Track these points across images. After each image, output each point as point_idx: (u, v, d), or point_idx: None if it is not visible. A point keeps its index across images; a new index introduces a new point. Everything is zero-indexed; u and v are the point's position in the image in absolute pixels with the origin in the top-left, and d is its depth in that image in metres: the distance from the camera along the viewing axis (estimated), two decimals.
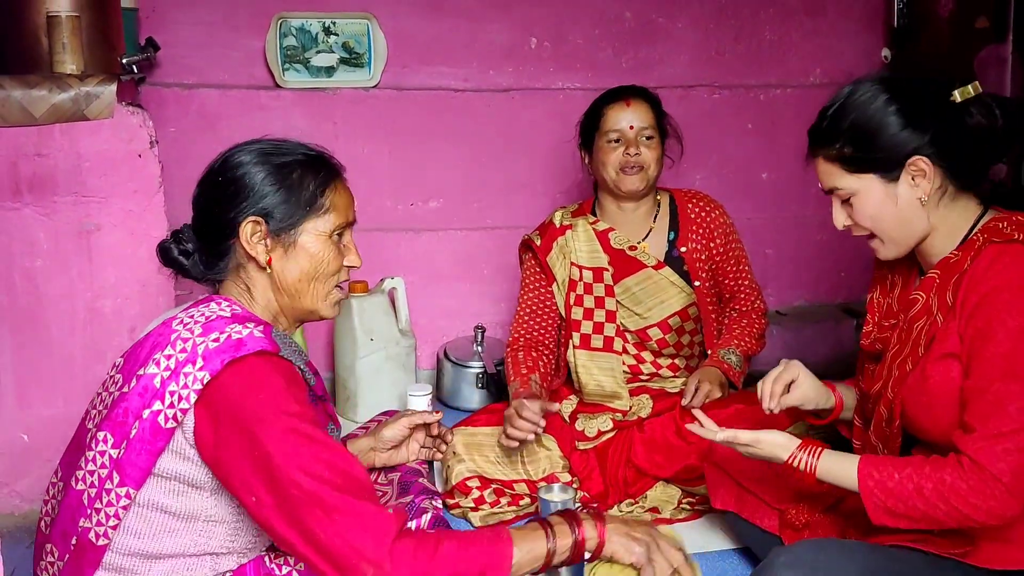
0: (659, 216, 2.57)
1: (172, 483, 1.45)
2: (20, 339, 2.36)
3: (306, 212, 1.56)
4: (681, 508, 2.36)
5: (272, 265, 1.55)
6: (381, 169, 3.27)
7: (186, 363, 1.41)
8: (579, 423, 2.49)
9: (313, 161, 1.60)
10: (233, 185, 1.54)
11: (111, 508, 1.43)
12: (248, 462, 1.37)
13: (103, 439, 1.44)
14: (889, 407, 1.71)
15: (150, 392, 1.42)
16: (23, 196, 2.30)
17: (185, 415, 1.41)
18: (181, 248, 1.60)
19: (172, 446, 1.43)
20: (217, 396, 1.39)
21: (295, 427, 1.38)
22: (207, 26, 3.07)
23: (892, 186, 1.64)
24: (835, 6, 3.50)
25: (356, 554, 1.34)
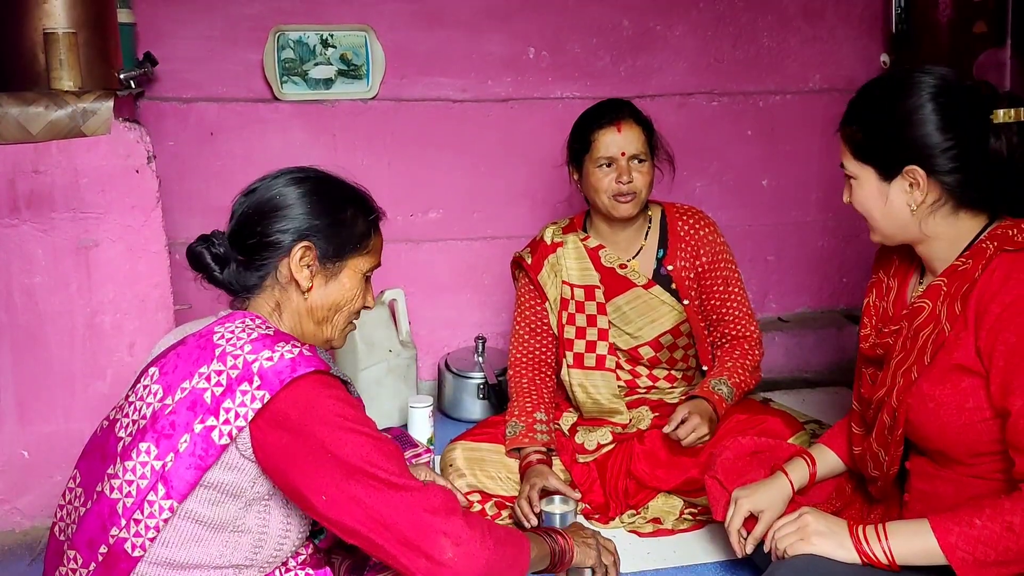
0: (650, 232, 2.53)
1: (212, 492, 1.47)
2: (19, 356, 2.36)
3: (354, 248, 1.64)
4: (683, 519, 2.35)
5: (311, 292, 1.60)
6: (380, 180, 3.26)
7: (241, 380, 1.44)
8: (579, 436, 2.48)
9: (365, 202, 1.69)
10: (288, 207, 1.59)
11: (152, 520, 1.45)
12: (319, 467, 1.42)
13: (145, 450, 1.46)
14: (893, 415, 1.70)
15: (201, 406, 1.45)
16: (21, 213, 2.30)
17: (241, 432, 1.44)
18: (214, 253, 1.61)
19: (223, 459, 1.46)
20: (279, 414, 1.44)
21: (357, 429, 1.45)
22: (205, 40, 3.08)
23: (885, 185, 1.65)
24: (833, 12, 3.50)
25: (434, 530, 1.43)
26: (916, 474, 1.73)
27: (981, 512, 1.48)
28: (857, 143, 1.68)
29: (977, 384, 1.56)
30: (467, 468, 2.36)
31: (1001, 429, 1.55)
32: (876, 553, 1.55)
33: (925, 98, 1.59)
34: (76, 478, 1.58)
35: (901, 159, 1.62)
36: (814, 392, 3.27)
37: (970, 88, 1.62)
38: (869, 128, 1.66)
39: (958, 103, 1.59)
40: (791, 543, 1.62)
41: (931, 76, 1.62)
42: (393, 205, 3.28)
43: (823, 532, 1.60)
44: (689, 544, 2.29)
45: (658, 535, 2.32)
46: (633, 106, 2.46)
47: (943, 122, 1.59)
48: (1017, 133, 1.58)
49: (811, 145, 3.53)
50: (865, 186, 1.68)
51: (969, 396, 1.57)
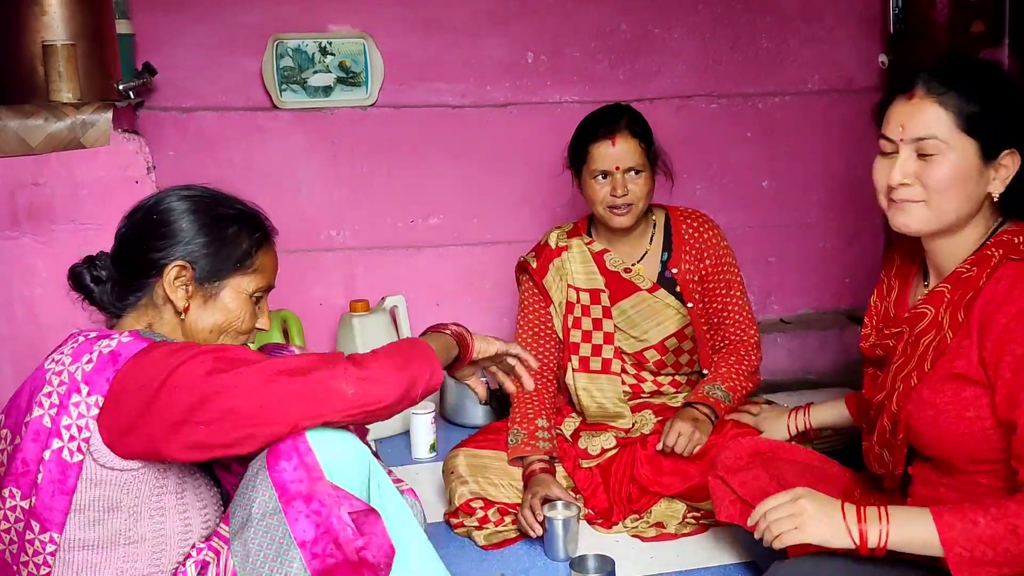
0: (654, 236, 2.53)
1: (89, 513, 1.44)
2: (21, 368, 2.36)
3: (234, 268, 1.59)
4: (686, 522, 2.35)
5: (188, 312, 1.57)
6: (380, 187, 3.27)
7: (70, 393, 1.42)
8: (582, 441, 2.48)
9: (251, 220, 1.63)
10: (166, 226, 1.56)
11: (38, 557, 1.42)
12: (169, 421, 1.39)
13: (9, 495, 1.43)
14: (893, 420, 1.69)
15: (42, 433, 1.42)
16: (21, 225, 2.31)
17: (89, 443, 1.41)
18: (94, 275, 1.59)
19: (84, 476, 1.42)
20: (116, 407, 1.41)
21: (178, 355, 1.42)
22: (204, 49, 3.09)
23: (982, 164, 1.57)
24: (832, 13, 3.50)
25: (324, 385, 1.44)
26: (918, 480, 1.72)
27: (986, 511, 1.45)
28: (969, 113, 1.54)
29: (979, 393, 1.54)
30: (469, 475, 2.36)
31: (1002, 438, 1.53)
32: (870, 534, 1.49)
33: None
34: None
35: (1008, 140, 1.57)
36: (817, 393, 3.26)
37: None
38: (993, 100, 1.56)
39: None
40: (785, 530, 1.54)
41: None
42: (393, 211, 3.31)
43: (819, 519, 1.53)
44: (692, 548, 2.28)
45: (661, 539, 2.31)
46: (632, 114, 2.43)
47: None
48: None
49: (811, 146, 3.53)
50: (958, 159, 1.55)
51: (970, 405, 1.55)
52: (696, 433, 2.30)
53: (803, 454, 2.05)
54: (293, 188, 3.21)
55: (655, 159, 2.45)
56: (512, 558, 2.26)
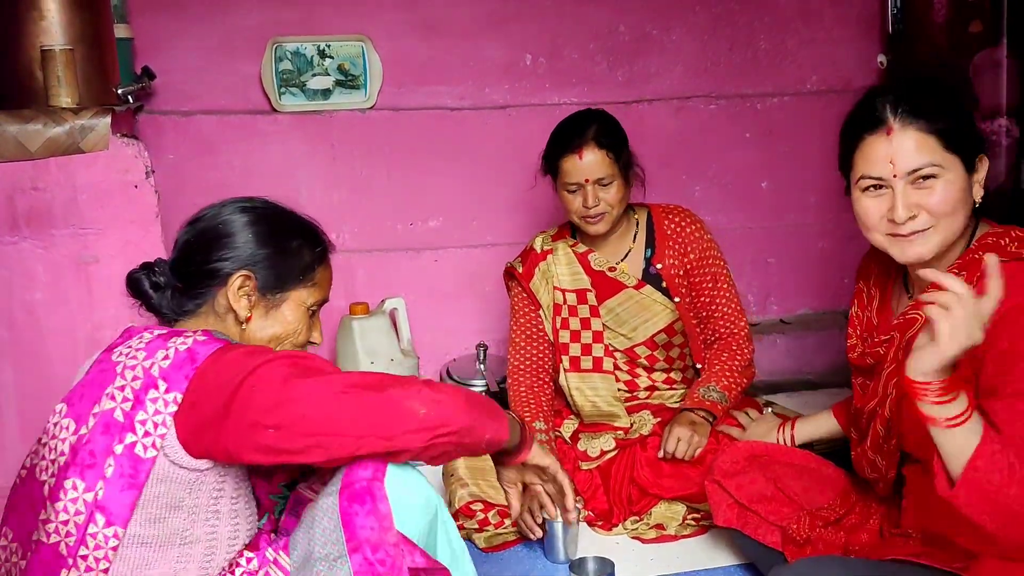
0: (637, 235, 2.55)
1: (153, 510, 1.43)
2: (22, 373, 2.37)
3: (296, 281, 1.62)
4: (686, 524, 2.35)
5: (249, 322, 1.59)
6: (380, 189, 3.28)
7: (146, 389, 1.41)
8: (581, 443, 2.49)
9: (313, 234, 1.68)
10: (231, 236, 1.58)
11: (100, 551, 1.41)
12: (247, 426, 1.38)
13: (72, 486, 1.42)
14: (887, 425, 1.69)
15: (115, 427, 1.42)
16: (21, 230, 2.31)
17: (164, 439, 1.41)
18: (153, 281, 1.61)
19: (155, 473, 1.42)
20: (193, 406, 1.41)
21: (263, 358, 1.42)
22: (203, 52, 3.09)
23: (966, 177, 1.58)
24: (830, 13, 3.50)
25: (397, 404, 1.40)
26: (912, 481, 1.72)
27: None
28: (946, 131, 1.55)
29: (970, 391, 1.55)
30: (469, 478, 2.37)
31: None
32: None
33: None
34: (8, 535, 1.52)
35: (978, 147, 1.59)
36: (816, 394, 3.27)
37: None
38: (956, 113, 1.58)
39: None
40: (960, 334, 1.33)
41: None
42: (393, 214, 3.31)
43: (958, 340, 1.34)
44: (692, 550, 2.28)
45: (661, 541, 2.32)
46: (601, 123, 2.42)
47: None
48: None
49: (810, 147, 3.53)
50: (953, 178, 1.56)
51: None
52: (695, 437, 2.31)
53: (800, 457, 2.06)
54: (292, 191, 3.21)
55: (628, 165, 2.44)
56: (512, 561, 2.26)
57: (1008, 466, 1.37)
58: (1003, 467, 1.36)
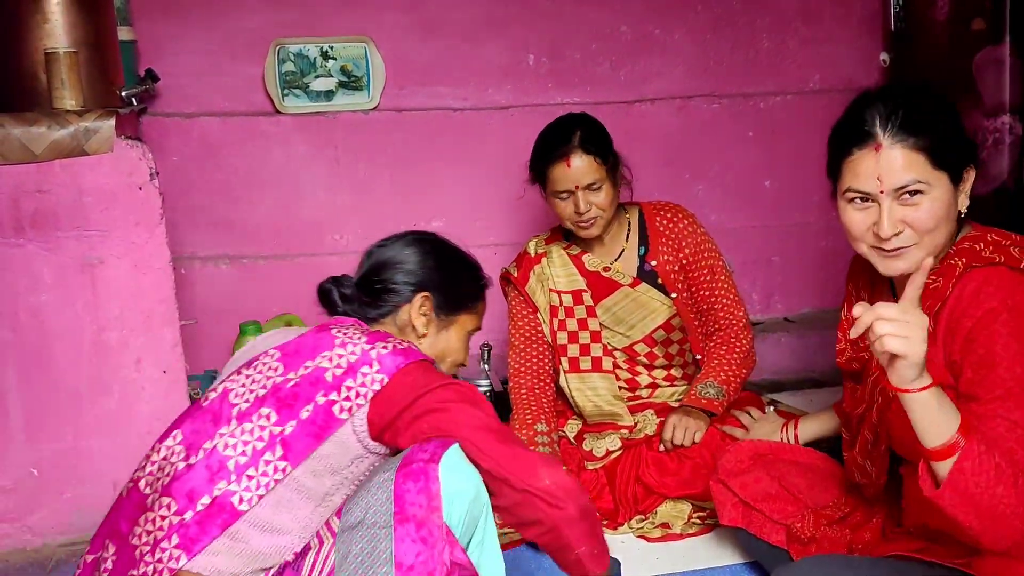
0: (630, 233, 2.55)
1: (318, 464, 1.56)
2: (27, 374, 2.37)
3: (465, 307, 1.87)
4: (692, 523, 2.35)
5: (424, 338, 1.80)
6: (383, 190, 3.28)
7: (361, 364, 1.59)
8: (586, 443, 2.49)
9: (479, 270, 1.94)
10: (417, 262, 1.82)
11: (265, 478, 1.54)
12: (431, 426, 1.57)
13: (266, 415, 1.58)
14: (874, 431, 1.70)
15: (323, 383, 1.58)
16: (26, 232, 2.32)
17: (356, 411, 1.57)
18: (341, 293, 1.82)
19: (337, 435, 1.56)
20: (392, 393, 1.58)
21: (470, 398, 1.62)
22: (206, 55, 3.10)
23: (953, 191, 1.57)
24: (831, 13, 3.50)
25: (537, 470, 1.56)
26: (910, 483, 1.72)
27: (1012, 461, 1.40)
28: (933, 149, 1.54)
29: (952, 397, 1.55)
30: None
31: None
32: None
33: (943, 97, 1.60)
34: (176, 437, 1.64)
35: (965, 159, 1.59)
36: (821, 392, 3.27)
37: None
38: (942, 128, 1.56)
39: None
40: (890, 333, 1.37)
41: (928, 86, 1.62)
42: (396, 214, 3.31)
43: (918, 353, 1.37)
44: (698, 548, 2.28)
45: (667, 540, 2.32)
46: (586, 128, 2.41)
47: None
48: None
49: (812, 146, 3.47)
50: (940, 195, 1.55)
51: None
52: (691, 421, 2.33)
53: (805, 455, 2.06)
54: (296, 192, 3.22)
55: (615, 167, 2.44)
56: (517, 561, 2.26)
57: (995, 467, 1.38)
58: (989, 468, 1.37)
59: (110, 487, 2.44)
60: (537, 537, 1.60)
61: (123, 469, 2.44)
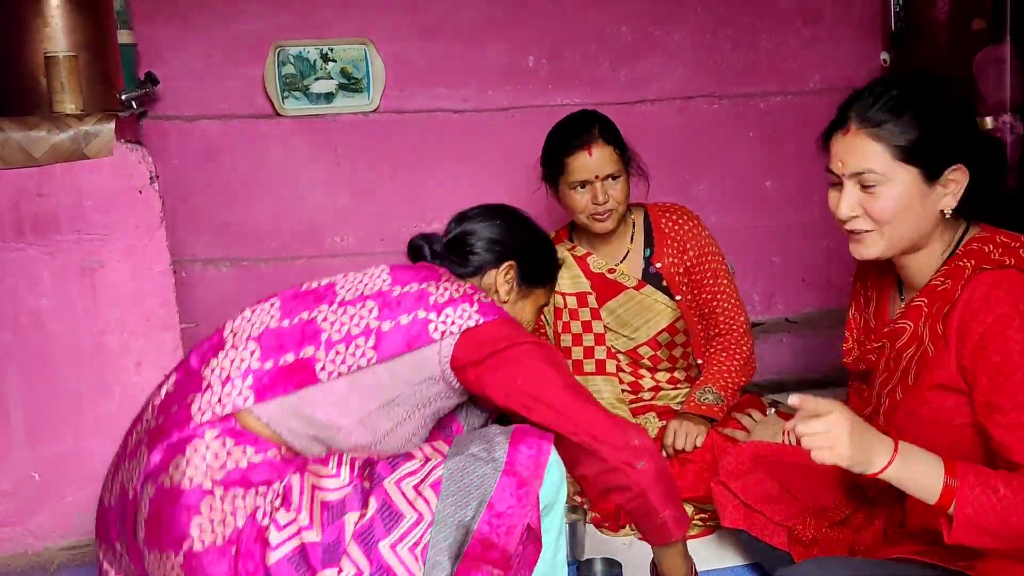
0: (635, 235, 2.56)
1: (390, 374, 1.64)
2: (27, 378, 2.37)
3: (543, 283, 2.01)
4: (693, 524, 2.35)
5: (505, 305, 1.90)
6: (384, 192, 3.28)
7: (462, 300, 1.69)
8: None
9: (556, 251, 2.09)
10: (511, 232, 1.95)
11: (352, 359, 1.63)
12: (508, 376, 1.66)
13: (369, 308, 1.67)
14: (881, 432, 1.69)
15: (425, 303, 1.68)
16: (26, 236, 2.32)
17: (447, 337, 1.65)
18: (433, 250, 1.90)
19: (421, 353, 1.65)
20: (485, 337, 1.66)
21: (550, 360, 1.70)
22: (205, 58, 3.09)
23: (927, 187, 1.56)
24: (832, 12, 3.50)
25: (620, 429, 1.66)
26: None
27: (1008, 482, 1.42)
28: (901, 144, 1.54)
29: (961, 401, 1.55)
30: None
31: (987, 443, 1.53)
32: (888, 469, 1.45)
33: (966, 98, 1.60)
34: (274, 303, 1.74)
35: (952, 157, 1.55)
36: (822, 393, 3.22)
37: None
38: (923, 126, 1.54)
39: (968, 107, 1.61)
40: (819, 449, 1.46)
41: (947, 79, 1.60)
42: (396, 217, 3.31)
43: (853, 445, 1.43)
44: (699, 550, 2.27)
45: None
46: (603, 121, 2.46)
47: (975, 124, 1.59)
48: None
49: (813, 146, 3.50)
50: (904, 190, 1.55)
51: (955, 414, 1.55)
52: (691, 426, 2.33)
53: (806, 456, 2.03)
54: (296, 195, 3.21)
55: (629, 162, 2.46)
56: None
57: (994, 493, 1.40)
58: (991, 501, 1.40)
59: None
60: (625, 503, 1.66)
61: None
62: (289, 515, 1.52)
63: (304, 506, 1.53)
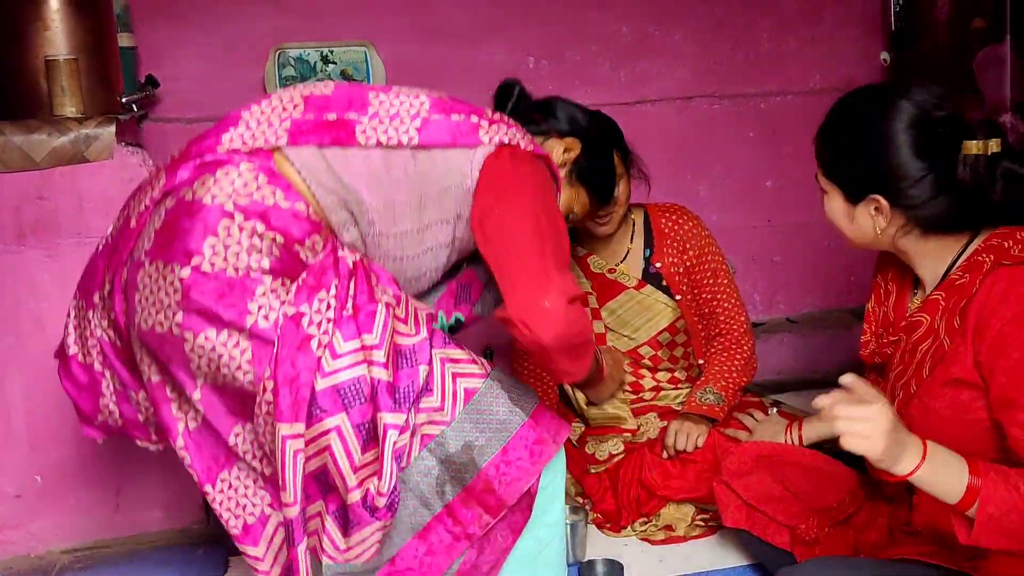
0: (635, 235, 2.55)
1: (434, 162, 1.63)
2: (29, 381, 2.37)
3: (590, 187, 2.02)
4: (695, 525, 2.35)
5: None
6: None
7: (514, 127, 1.72)
8: (589, 447, 2.48)
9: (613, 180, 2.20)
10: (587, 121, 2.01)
11: (393, 133, 1.61)
12: (508, 201, 1.66)
13: (421, 100, 1.66)
14: None
15: (479, 112, 1.70)
16: (27, 239, 2.32)
17: (490, 145, 1.66)
18: (520, 94, 1.97)
19: (466, 151, 1.64)
20: (514, 156, 1.68)
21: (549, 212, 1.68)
22: (206, 60, 3.10)
23: (850, 207, 1.65)
24: (832, 12, 3.50)
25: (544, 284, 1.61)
26: None
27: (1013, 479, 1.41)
28: (825, 162, 1.68)
29: (976, 395, 1.55)
30: None
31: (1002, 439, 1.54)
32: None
33: (901, 127, 1.56)
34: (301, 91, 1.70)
35: (866, 186, 1.61)
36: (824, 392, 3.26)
37: (946, 119, 1.57)
38: (837, 150, 1.66)
39: (933, 134, 1.56)
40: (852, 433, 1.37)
41: (911, 103, 1.56)
42: None
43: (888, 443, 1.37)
44: (702, 550, 2.28)
45: (670, 542, 2.31)
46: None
47: (915, 153, 1.56)
48: (985, 165, 1.54)
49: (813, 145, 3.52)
50: (833, 202, 1.69)
51: (969, 408, 1.56)
52: (692, 426, 2.33)
53: (808, 456, 2.05)
54: None
55: (630, 164, 2.46)
56: None
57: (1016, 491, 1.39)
58: (1014, 500, 1.38)
59: (114, 493, 2.45)
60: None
61: (127, 476, 2.45)
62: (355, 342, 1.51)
63: (385, 340, 1.52)
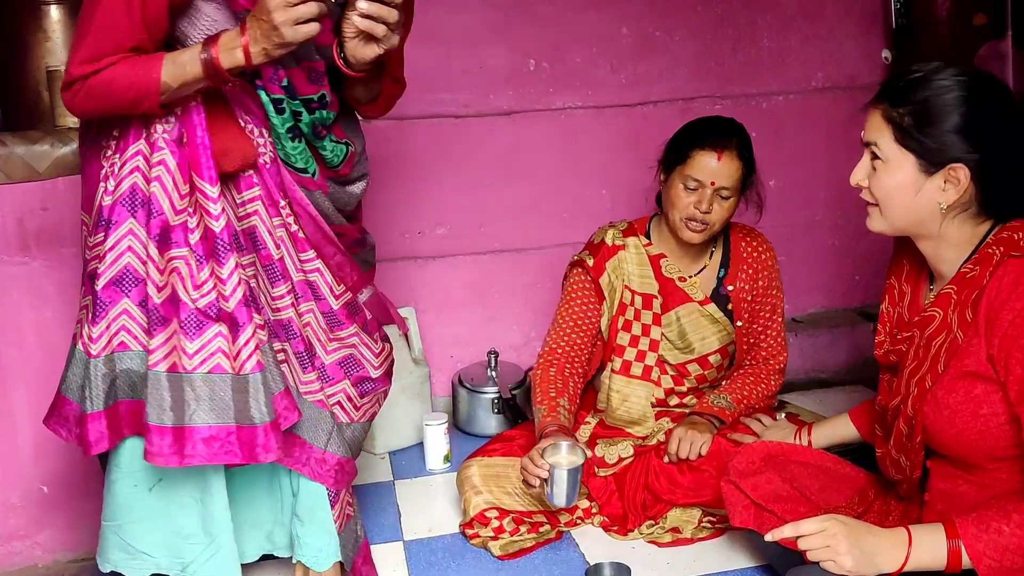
0: (714, 252, 2.52)
1: None
2: (34, 391, 2.37)
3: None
4: (702, 527, 2.34)
5: None
6: (386, 199, 3.28)
7: None
8: (599, 449, 2.47)
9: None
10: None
11: None
12: None
13: None
14: (909, 423, 1.69)
15: None
16: (31, 250, 2.33)
17: None
18: None
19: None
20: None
21: None
22: None
23: (923, 177, 1.59)
24: (833, 10, 3.49)
25: None
26: (937, 475, 1.71)
27: (1008, 518, 1.46)
28: (903, 127, 1.59)
29: (991, 390, 1.55)
30: (483, 485, 2.36)
31: (1018, 433, 1.53)
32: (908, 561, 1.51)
33: (995, 99, 1.57)
34: None
35: (951, 155, 1.57)
36: (830, 392, 3.26)
37: (1013, 94, 1.59)
38: (927, 115, 1.58)
39: (1016, 109, 1.58)
40: (823, 557, 1.53)
41: (993, 78, 1.59)
42: (399, 223, 3.31)
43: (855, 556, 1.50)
44: (709, 553, 2.28)
45: (677, 545, 2.31)
46: (743, 136, 2.42)
47: (1004, 127, 1.56)
48: None
49: (816, 144, 3.52)
50: (897, 173, 1.61)
51: (983, 402, 1.55)
52: (696, 434, 2.30)
53: (816, 456, 2.05)
54: None
55: (747, 188, 2.43)
56: (528, 568, 2.26)
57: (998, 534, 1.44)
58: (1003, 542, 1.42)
59: None
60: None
61: None
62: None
63: None
